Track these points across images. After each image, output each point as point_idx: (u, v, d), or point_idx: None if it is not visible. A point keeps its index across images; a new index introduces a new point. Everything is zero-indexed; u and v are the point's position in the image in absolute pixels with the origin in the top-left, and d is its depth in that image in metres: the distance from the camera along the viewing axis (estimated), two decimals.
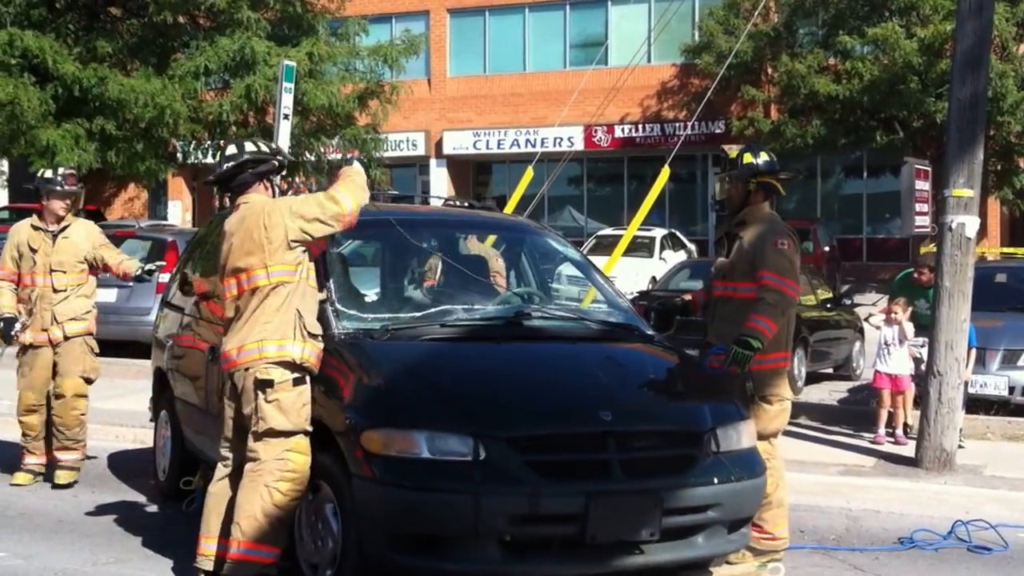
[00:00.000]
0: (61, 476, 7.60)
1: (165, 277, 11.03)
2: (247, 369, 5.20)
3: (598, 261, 14.37)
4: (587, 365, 5.55)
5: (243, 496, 5.17)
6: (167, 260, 13.47)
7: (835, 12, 25.33)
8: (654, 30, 26.66)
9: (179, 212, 33.10)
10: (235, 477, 5.35)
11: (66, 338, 7.57)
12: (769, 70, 26.55)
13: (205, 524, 5.38)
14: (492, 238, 7.19)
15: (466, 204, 7.34)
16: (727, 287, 6.10)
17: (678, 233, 25.97)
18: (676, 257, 23.26)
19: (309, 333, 5.24)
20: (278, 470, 5.12)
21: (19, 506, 7.20)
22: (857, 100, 24.34)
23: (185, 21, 16.78)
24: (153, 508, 7.23)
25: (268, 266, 5.22)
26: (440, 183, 31.17)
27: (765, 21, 26.14)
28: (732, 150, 6.45)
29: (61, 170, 7.80)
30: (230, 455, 5.43)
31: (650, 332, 6.10)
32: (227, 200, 5.74)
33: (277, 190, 5.66)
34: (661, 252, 23.63)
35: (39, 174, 7.75)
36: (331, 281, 5.68)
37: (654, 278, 20.74)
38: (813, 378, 13.27)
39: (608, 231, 24.82)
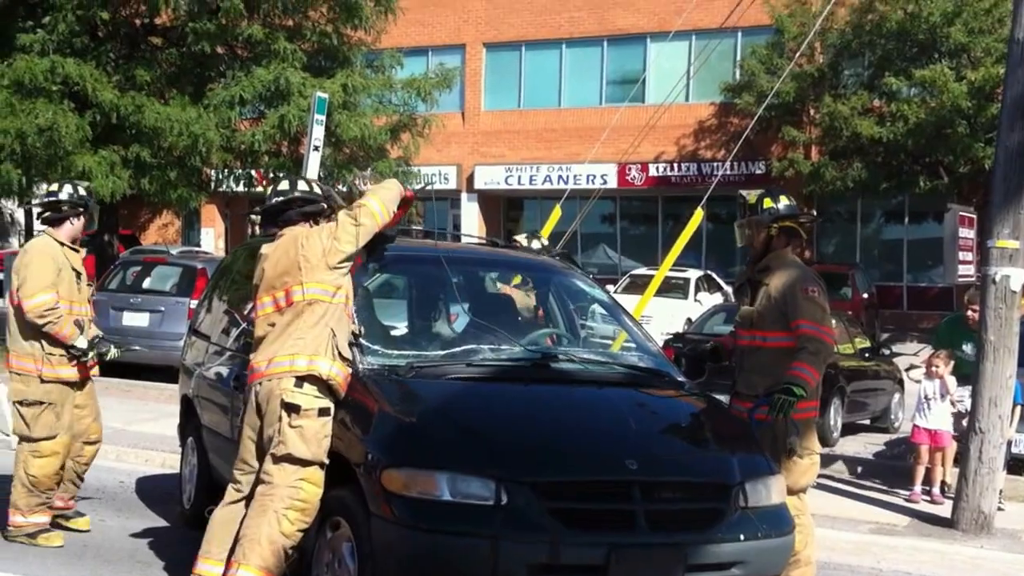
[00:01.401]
0: (83, 522, 7.03)
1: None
2: (277, 380, 5.16)
3: (631, 300, 14.27)
4: (615, 411, 5.40)
5: (251, 519, 5.13)
6: (197, 287, 13.50)
7: (882, 53, 24.92)
8: (693, 67, 26.46)
9: (212, 239, 33.35)
10: (247, 503, 5.26)
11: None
12: (811, 111, 26.25)
13: (206, 545, 5.33)
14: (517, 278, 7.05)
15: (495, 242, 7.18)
16: (755, 336, 5.98)
17: (714, 275, 25.68)
18: (711, 299, 23.01)
19: (340, 354, 5.22)
20: (289, 497, 5.08)
21: None
22: (901, 143, 23.92)
23: (223, 51, 16.88)
24: (177, 535, 7.12)
25: (304, 283, 5.26)
26: (471, 218, 31.06)
27: (810, 62, 25.86)
28: (751, 195, 6.33)
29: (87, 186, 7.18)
30: (243, 479, 5.36)
31: (681, 379, 5.92)
32: (256, 229, 5.71)
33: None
34: (696, 294, 23.39)
35: (76, 191, 6.84)
36: (355, 315, 5.58)
37: (689, 320, 20.51)
38: (849, 429, 12.97)
39: (642, 270, 24.60)
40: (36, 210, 7.58)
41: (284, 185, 5.66)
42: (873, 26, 24.63)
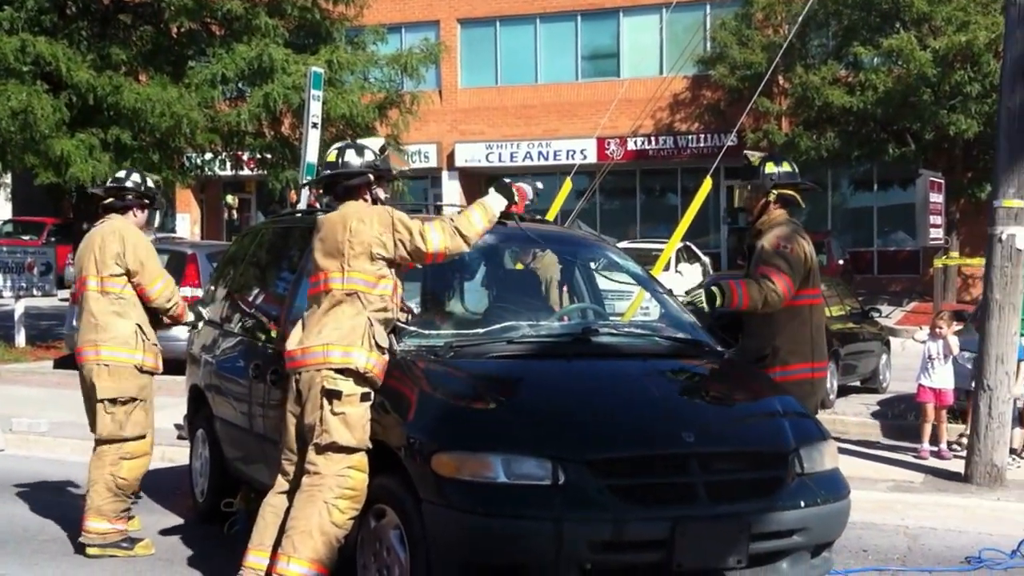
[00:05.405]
0: (135, 523, 6.78)
1: None
2: (317, 371, 5.02)
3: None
4: (663, 383, 5.36)
5: (300, 510, 5.00)
6: (187, 274, 13.25)
7: (847, 24, 25.17)
8: (665, 41, 26.47)
9: (187, 225, 32.63)
10: (295, 491, 5.14)
11: None
12: (781, 81, 26.37)
13: (259, 535, 5.20)
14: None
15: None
16: None
17: (692, 246, 25.69)
18: (692, 270, 22.99)
19: (377, 344, 5.06)
20: (338, 487, 4.96)
21: (51, 531, 6.95)
22: (871, 112, 24.22)
23: (200, 28, 16.43)
24: (193, 530, 6.97)
25: (344, 271, 5.08)
26: (452, 195, 30.87)
27: (777, 33, 26.01)
28: (755, 157, 6.28)
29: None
30: (291, 468, 5.23)
31: (719, 348, 5.87)
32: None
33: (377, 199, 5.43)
34: (677, 265, 23.34)
35: (143, 182, 6.70)
36: (406, 300, 5.47)
37: (670, 291, 20.44)
38: (840, 391, 13.21)
39: (625, 244, 24.54)
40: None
41: (331, 156, 5.39)
42: None
